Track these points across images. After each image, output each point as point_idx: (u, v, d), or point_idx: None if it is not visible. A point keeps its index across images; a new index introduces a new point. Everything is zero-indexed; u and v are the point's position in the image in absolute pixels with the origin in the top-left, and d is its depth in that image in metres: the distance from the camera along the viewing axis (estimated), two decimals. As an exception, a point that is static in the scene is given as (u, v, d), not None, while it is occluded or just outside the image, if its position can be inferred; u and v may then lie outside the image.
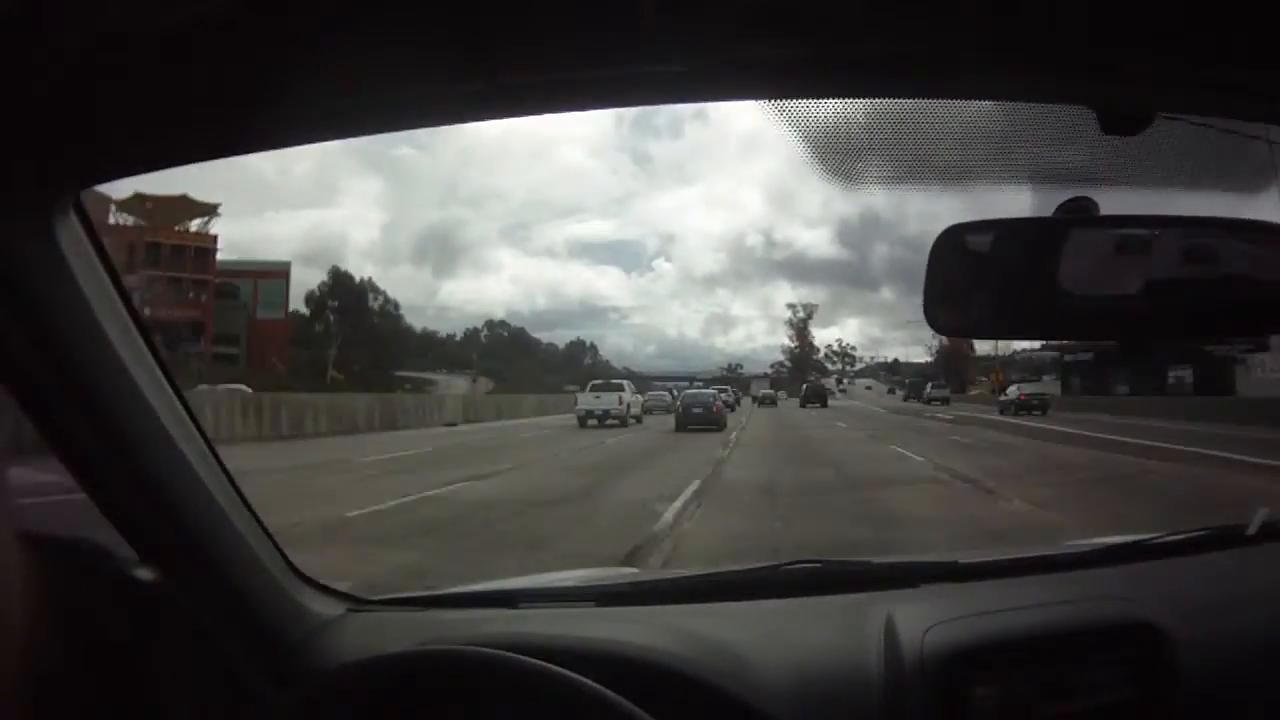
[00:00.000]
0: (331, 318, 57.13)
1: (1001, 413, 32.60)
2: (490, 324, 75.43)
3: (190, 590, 1.28)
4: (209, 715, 1.27)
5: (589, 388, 30.64)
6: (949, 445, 18.83)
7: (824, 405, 43.89)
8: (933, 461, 14.89)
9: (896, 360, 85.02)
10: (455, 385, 60.40)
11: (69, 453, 1.16)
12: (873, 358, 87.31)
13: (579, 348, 78.12)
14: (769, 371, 76.12)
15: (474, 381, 63.21)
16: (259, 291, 55.37)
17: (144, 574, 1.24)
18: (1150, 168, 0.99)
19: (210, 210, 50.10)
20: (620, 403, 28.76)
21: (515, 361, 67.81)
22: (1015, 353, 68.25)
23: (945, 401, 49.53)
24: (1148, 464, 13.67)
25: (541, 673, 1.10)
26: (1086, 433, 19.44)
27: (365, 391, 37.08)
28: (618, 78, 0.88)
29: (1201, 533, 1.66)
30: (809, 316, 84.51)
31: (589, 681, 1.08)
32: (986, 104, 0.95)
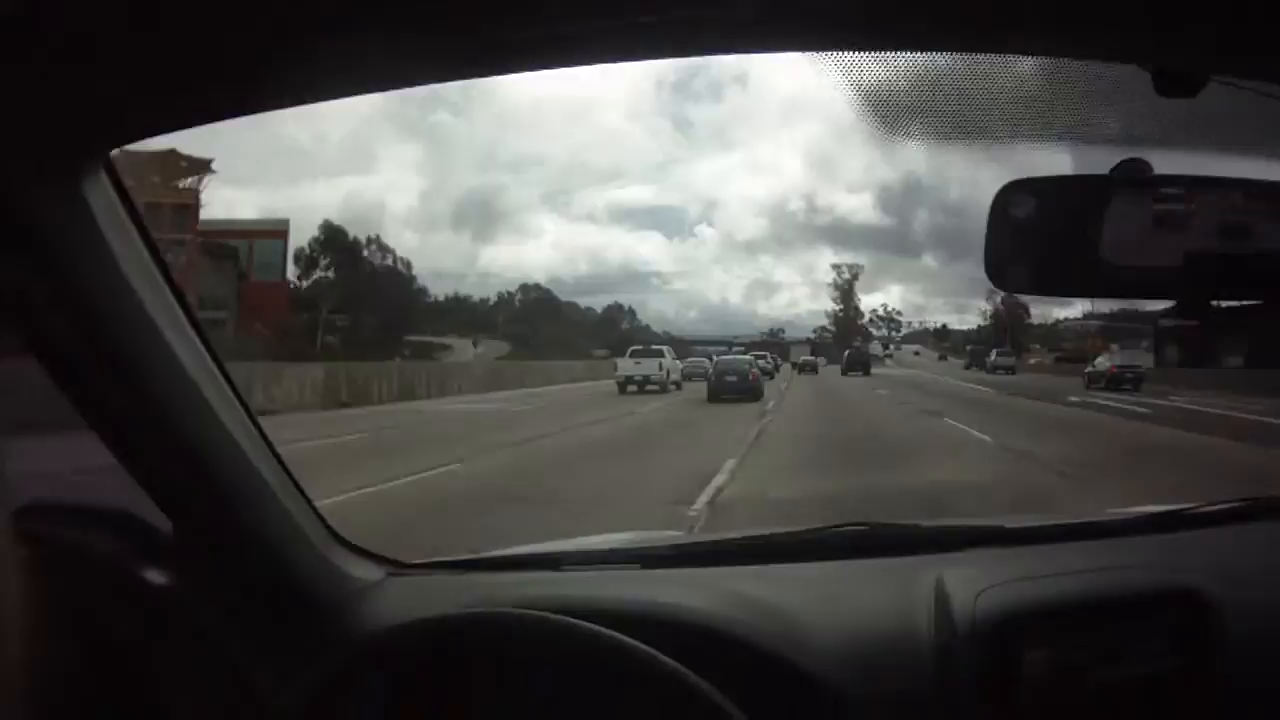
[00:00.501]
0: (326, 277, 57.27)
1: (1088, 386, 29.27)
2: (524, 288, 74.72)
3: (226, 556, 1.37)
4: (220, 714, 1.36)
5: (629, 354, 31.90)
6: None
7: (866, 373, 42.94)
8: None
9: (944, 326, 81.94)
10: (467, 350, 60.48)
11: (102, 420, 1.25)
12: (921, 323, 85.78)
13: (616, 311, 76.28)
14: (811, 336, 74.49)
15: (475, 346, 62.54)
16: (254, 252, 55.60)
17: (151, 572, 1.33)
18: (1202, 132, 1.06)
19: (203, 167, 50.06)
20: (660, 368, 30.25)
21: (545, 326, 67.13)
22: (1058, 321, 66.84)
23: (1010, 370, 47.17)
24: None
25: (586, 634, 1.17)
26: None
27: (360, 359, 36.54)
28: (663, 25, 0.92)
29: (1244, 503, 1.74)
30: (854, 279, 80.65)
31: (635, 642, 1.15)
32: (1036, 61, 1.01)
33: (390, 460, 12.39)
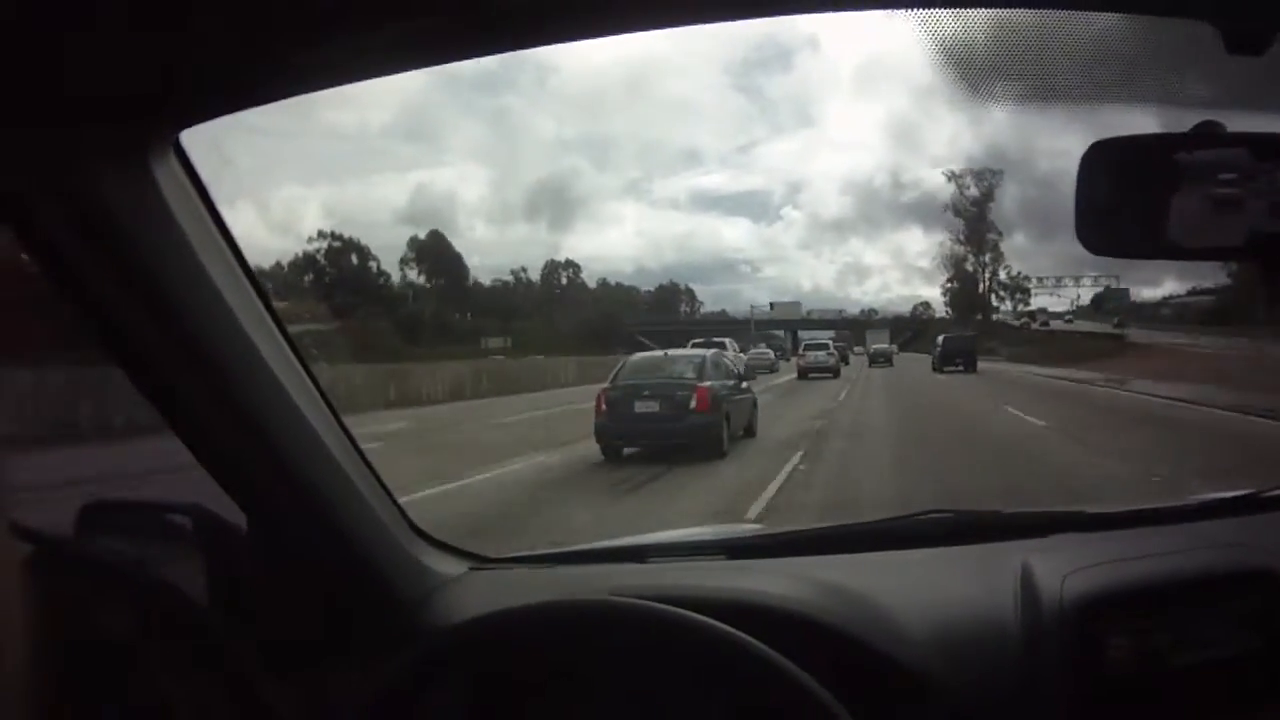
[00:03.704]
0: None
1: None
2: (415, 241, 56.13)
3: (306, 549, 1.55)
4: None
5: (689, 346, 30.86)
6: None
7: (971, 369, 33.24)
8: None
9: (1109, 287, 60.76)
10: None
11: (179, 413, 1.41)
12: (1071, 281, 61.61)
13: (670, 293, 62.94)
14: (917, 310, 57.76)
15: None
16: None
17: (222, 567, 1.48)
18: (1273, 92, 1.19)
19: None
20: None
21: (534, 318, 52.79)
22: (1167, 299, 53.34)
23: None
24: None
25: (674, 618, 1.32)
26: None
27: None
28: None
29: None
30: (987, 197, 53.21)
31: (725, 627, 1.29)
32: (1112, 22, 1.16)
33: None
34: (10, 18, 0.95)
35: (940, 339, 36.98)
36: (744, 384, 15.06)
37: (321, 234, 50.84)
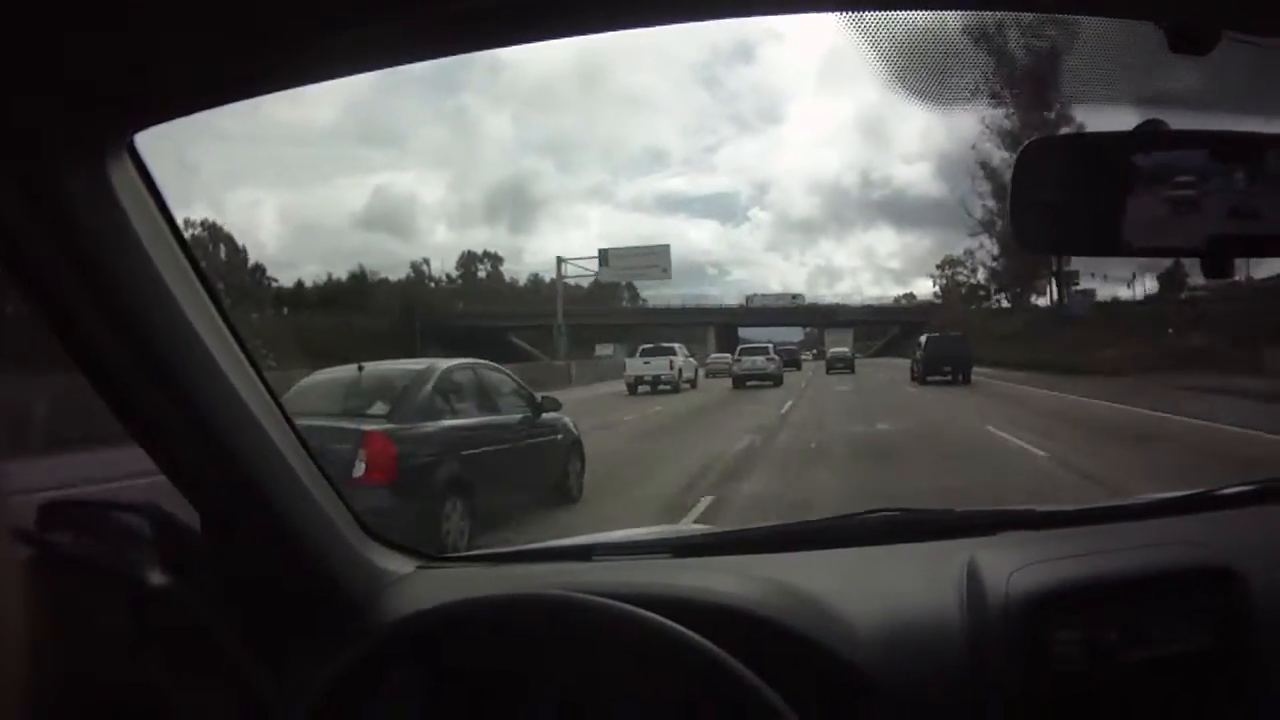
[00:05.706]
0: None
1: None
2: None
3: (257, 549, 1.54)
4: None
5: (639, 352, 30.49)
6: None
7: (965, 380, 26.16)
8: None
9: (1178, 261, 37.69)
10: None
11: (127, 410, 1.41)
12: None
13: (609, 290, 51.33)
14: (900, 299, 51.66)
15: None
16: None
17: (172, 568, 1.45)
18: (1217, 91, 1.22)
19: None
20: (671, 367, 29.06)
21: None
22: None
23: None
24: None
25: (620, 614, 1.32)
26: None
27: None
28: None
29: (1274, 482, 1.91)
30: (1055, 52, 18.45)
31: (666, 621, 1.30)
32: (1068, 22, 1.17)
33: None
34: None
35: (923, 339, 29.51)
36: (546, 414, 9.72)
37: (189, 223, 41.78)
